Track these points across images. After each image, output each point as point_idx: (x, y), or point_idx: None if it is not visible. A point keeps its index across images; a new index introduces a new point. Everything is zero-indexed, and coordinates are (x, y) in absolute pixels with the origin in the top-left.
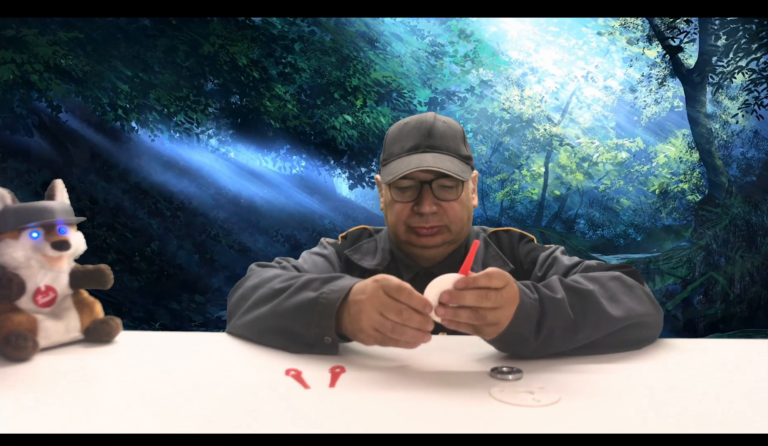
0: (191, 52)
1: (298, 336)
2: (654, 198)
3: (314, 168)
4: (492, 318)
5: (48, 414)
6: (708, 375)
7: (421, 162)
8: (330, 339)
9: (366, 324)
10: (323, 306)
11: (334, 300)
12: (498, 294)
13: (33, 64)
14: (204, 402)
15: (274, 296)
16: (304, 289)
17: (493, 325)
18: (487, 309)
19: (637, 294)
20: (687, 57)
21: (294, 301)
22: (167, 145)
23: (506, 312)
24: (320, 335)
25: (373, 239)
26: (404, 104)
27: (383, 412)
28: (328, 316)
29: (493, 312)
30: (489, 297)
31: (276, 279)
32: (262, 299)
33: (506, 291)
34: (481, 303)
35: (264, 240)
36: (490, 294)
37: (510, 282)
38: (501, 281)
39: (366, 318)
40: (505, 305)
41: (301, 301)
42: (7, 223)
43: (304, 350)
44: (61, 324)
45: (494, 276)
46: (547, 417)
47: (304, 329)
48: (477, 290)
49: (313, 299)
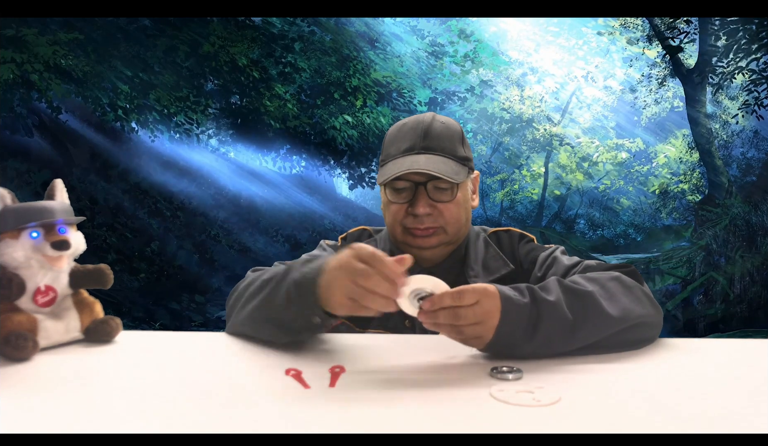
0: (191, 52)
1: (288, 321)
2: (654, 198)
3: (314, 168)
4: (471, 332)
5: (48, 414)
6: (708, 375)
7: (413, 164)
8: (318, 318)
9: (338, 292)
10: (304, 286)
11: (312, 276)
12: (470, 311)
13: (33, 63)
14: (204, 402)
15: (262, 287)
16: (288, 274)
17: (475, 339)
18: (464, 326)
19: (636, 294)
20: (687, 57)
21: (281, 288)
22: (167, 145)
23: (486, 326)
24: (306, 315)
25: (372, 240)
26: (404, 104)
27: (383, 412)
28: (310, 293)
29: (471, 327)
30: (460, 316)
31: (266, 274)
32: (253, 293)
33: (480, 307)
34: (455, 322)
35: (264, 240)
36: (460, 312)
37: (485, 296)
38: (472, 297)
39: (338, 285)
40: (483, 320)
41: (287, 286)
42: (7, 223)
43: (296, 336)
44: (61, 324)
45: (464, 293)
46: (547, 417)
47: (292, 312)
48: (448, 310)
49: (295, 281)
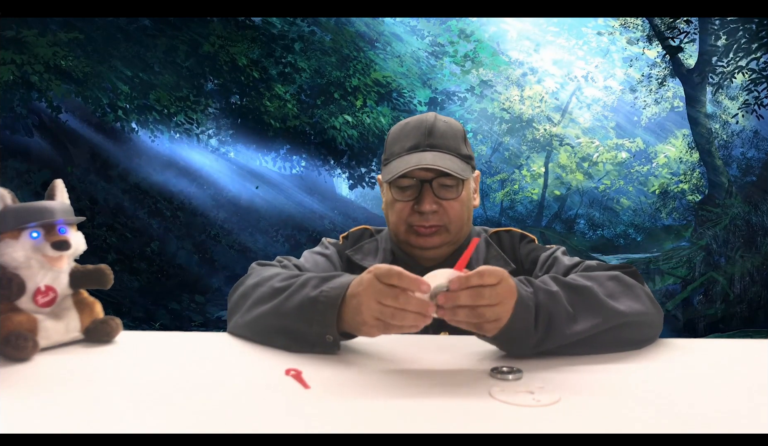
0: (191, 52)
1: (299, 335)
2: (654, 198)
3: (314, 168)
4: (491, 314)
5: (48, 414)
6: (708, 375)
7: (420, 160)
8: (331, 338)
9: (367, 316)
10: (324, 304)
11: (334, 297)
12: (493, 291)
13: (33, 64)
14: (204, 402)
15: (274, 295)
16: (303, 288)
17: (494, 322)
18: (485, 307)
19: (636, 293)
20: (687, 57)
21: (294, 300)
22: (167, 145)
23: (505, 308)
24: (322, 334)
25: (374, 239)
26: (404, 104)
27: (383, 412)
28: (329, 314)
29: (491, 308)
30: (483, 295)
31: (276, 278)
32: (263, 298)
33: (501, 287)
34: (477, 302)
35: (264, 240)
36: (484, 291)
37: (504, 278)
38: (494, 278)
39: (366, 309)
40: (502, 301)
41: (301, 300)
42: (7, 223)
43: (306, 349)
44: (61, 324)
45: (487, 273)
46: (547, 417)
47: (306, 328)
48: (471, 289)
49: (313, 297)
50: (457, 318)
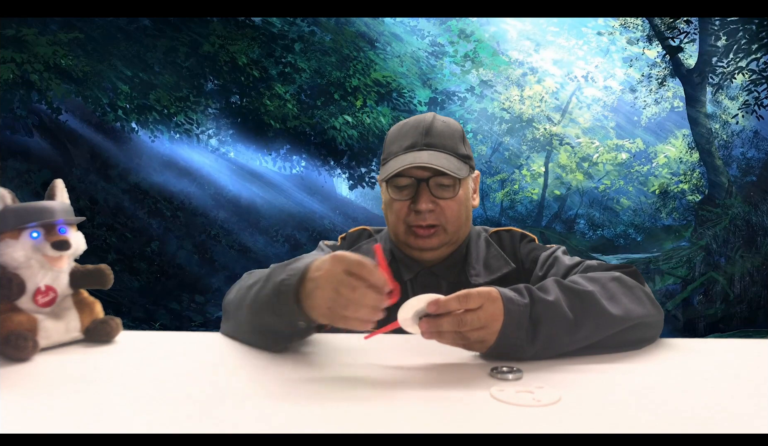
0: (191, 52)
1: (273, 328)
2: (654, 198)
3: (314, 168)
4: (475, 337)
5: (48, 414)
6: (708, 375)
7: (416, 159)
8: (302, 322)
9: (320, 301)
10: (284, 292)
11: (291, 282)
12: (474, 316)
13: (33, 64)
14: (204, 402)
15: (246, 294)
16: (269, 280)
17: (480, 343)
18: (468, 331)
19: (637, 294)
20: (687, 57)
21: (262, 294)
22: (167, 145)
23: (489, 331)
24: (290, 322)
25: (373, 239)
26: (404, 104)
27: (383, 412)
28: (289, 300)
29: (475, 332)
30: (465, 321)
31: (251, 278)
32: (239, 301)
33: (484, 311)
34: (459, 328)
35: (264, 240)
36: (466, 317)
37: (488, 300)
38: (476, 301)
39: (320, 294)
40: (486, 324)
41: (267, 292)
42: (7, 223)
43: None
44: (61, 324)
45: (469, 297)
46: (547, 417)
47: (276, 319)
48: (452, 316)
49: (275, 286)
50: (443, 341)
